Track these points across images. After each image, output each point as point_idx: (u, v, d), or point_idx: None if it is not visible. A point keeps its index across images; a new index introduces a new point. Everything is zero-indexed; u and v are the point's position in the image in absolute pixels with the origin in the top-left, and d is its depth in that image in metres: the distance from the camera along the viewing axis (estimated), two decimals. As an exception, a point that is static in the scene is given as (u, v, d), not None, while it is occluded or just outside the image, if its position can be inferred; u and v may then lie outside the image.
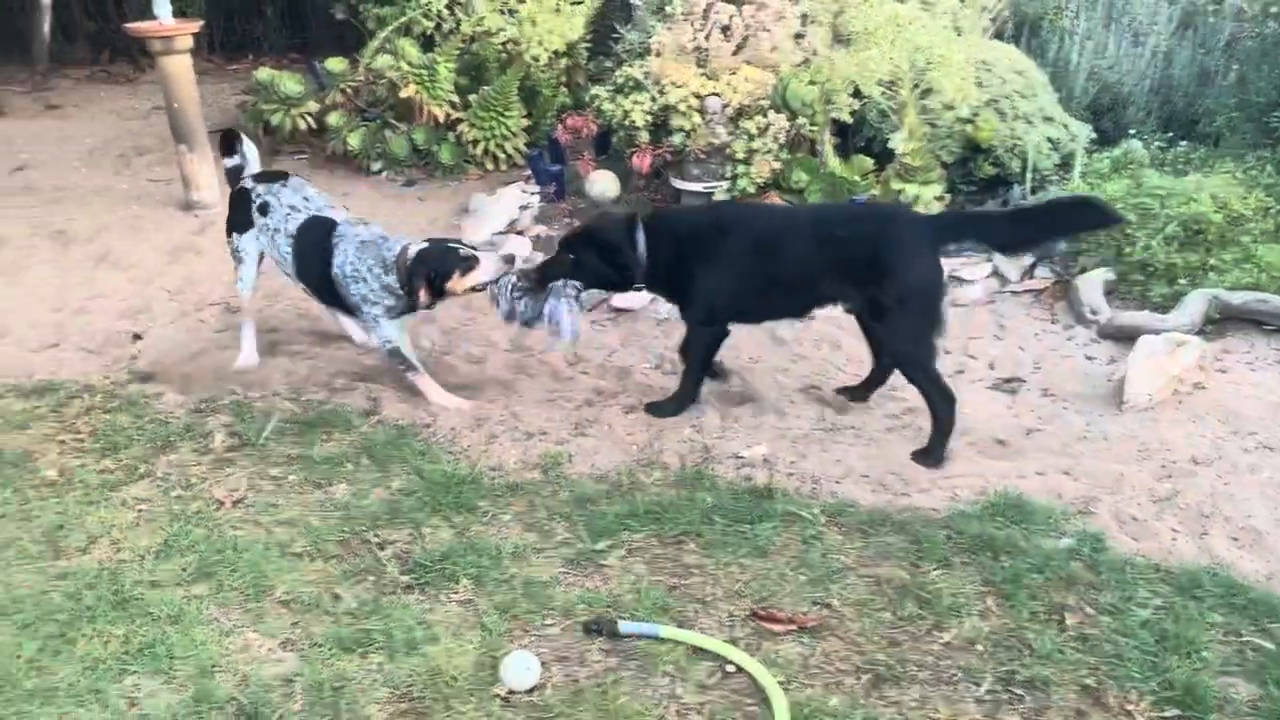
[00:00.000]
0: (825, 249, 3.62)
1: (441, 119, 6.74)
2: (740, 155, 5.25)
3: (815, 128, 5.22)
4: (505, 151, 6.81)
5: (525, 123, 6.86)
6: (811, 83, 5.20)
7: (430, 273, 3.83)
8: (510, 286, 3.91)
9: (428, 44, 7.17)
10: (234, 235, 4.29)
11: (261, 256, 4.29)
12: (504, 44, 6.82)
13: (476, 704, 2.56)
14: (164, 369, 4.31)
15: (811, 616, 2.82)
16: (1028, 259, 4.92)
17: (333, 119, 6.89)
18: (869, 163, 5.34)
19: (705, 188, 5.44)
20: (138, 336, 4.64)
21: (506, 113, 6.70)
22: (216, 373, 4.27)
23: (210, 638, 2.80)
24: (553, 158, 6.27)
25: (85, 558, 3.14)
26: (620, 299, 4.77)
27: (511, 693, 2.59)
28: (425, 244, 3.91)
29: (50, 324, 4.76)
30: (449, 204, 6.33)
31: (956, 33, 5.14)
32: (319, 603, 2.94)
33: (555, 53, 6.75)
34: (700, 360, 3.94)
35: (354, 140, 6.79)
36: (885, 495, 3.40)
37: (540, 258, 4.59)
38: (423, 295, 3.86)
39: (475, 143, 6.76)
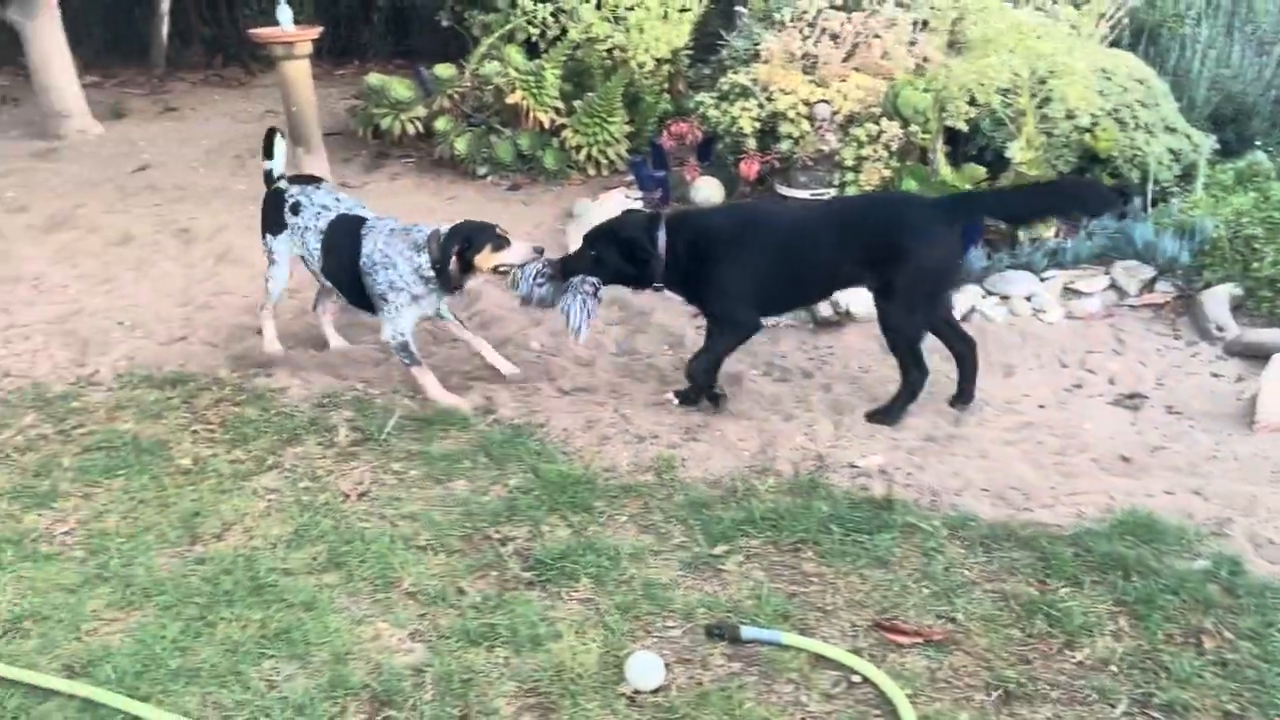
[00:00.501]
0: (846, 237, 3.78)
1: (546, 124, 6.84)
2: (849, 162, 5.22)
3: (927, 135, 5.16)
4: (607, 157, 6.88)
5: (628, 129, 6.92)
6: (925, 90, 5.14)
7: (464, 243, 3.94)
8: (535, 273, 4.02)
9: (531, 50, 7.29)
10: (268, 237, 4.42)
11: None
12: (609, 51, 6.89)
13: (602, 701, 2.59)
14: (286, 363, 4.44)
15: (937, 630, 2.79)
16: (1147, 272, 4.80)
17: (440, 124, 7.04)
18: (981, 171, 5.25)
19: (812, 194, 5.42)
20: (259, 332, 4.78)
21: (610, 119, 6.76)
22: (334, 368, 4.39)
23: (342, 626, 2.88)
24: (656, 164, 6.30)
25: (220, 544, 3.25)
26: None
27: (637, 692, 2.61)
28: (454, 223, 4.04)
29: (178, 318, 4.95)
30: (552, 208, 6.41)
31: (1076, 40, 5.03)
32: (445, 596, 3.00)
33: (659, 59, 6.79)
34: (719, 355, 3.97)
35: (461, 145, 6.92)
36: (1006, 509, 3.34)
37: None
38: (454, 265, 3.94)
39: (578, 148, 6.84)
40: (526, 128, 6.89)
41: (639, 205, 6.02)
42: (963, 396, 4.00)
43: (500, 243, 3.98)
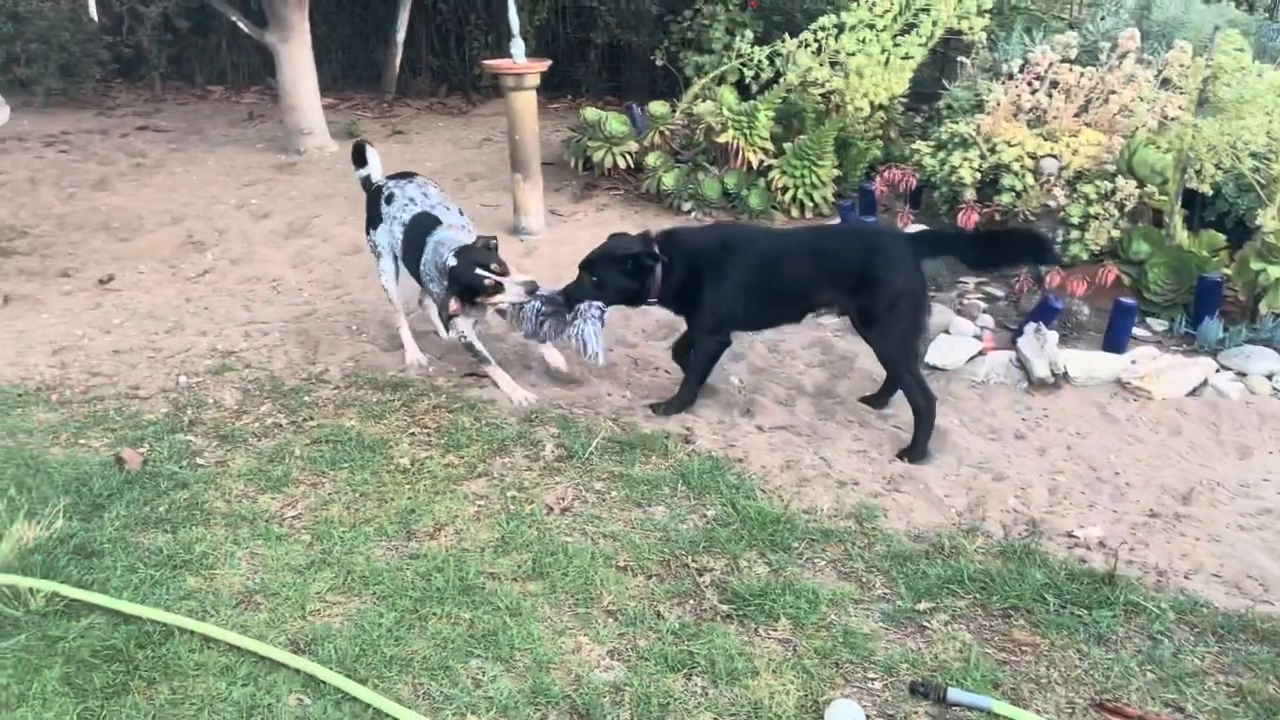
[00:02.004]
0: (822, 263, 4.06)
1: (755, 164, 6.89)
2: (1075, 220, 5.01)
3: (1164, 197, 4.90)
4: (813, 200, 6.85)
5: (835, 172, 6.89)
6: (1165, 149, 4.89)
7: (459, 290, 4.15)
8: (536, 311, 4.23)
9: (742, 91, 7.39)
10: (370, 231, 4.69)
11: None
12: (824, 95, 6.90)
13: (800, 745, 2.54)
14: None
15: (1166, 717, 2.61)
16: None
17: (650, 159, 7.20)
18: (1220, 238, 4.95)
19: (1032, 251, 5.22)
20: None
21: (820, 162, 6.75)
22: (546, 385, 4.53)
23: (545, 635, 2.94)
24: (864, 209, 6.25)
25: (433, 542, 3.39)
26: (936, 356, 4.65)
27: (837, 740, 2.55)
28: (454, 260, 4.17)
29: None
30: (755, 247, 6.43)
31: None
32: (644, 618, 3.03)
33: (875, 105, 6.74)
34: (704, 369, 4.27)
35: (669, 180, 7.05)
36: (1242, 599, 3.10)
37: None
38: (453, 306, 4.16)
39: (784, 189, 6.85)
40: (734, 167, 6.96)
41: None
42: (876, 402, 4.31)
43: (493, 290, 4.12)
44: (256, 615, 3.03)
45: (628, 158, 7.39)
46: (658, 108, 7.48)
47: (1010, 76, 5.76)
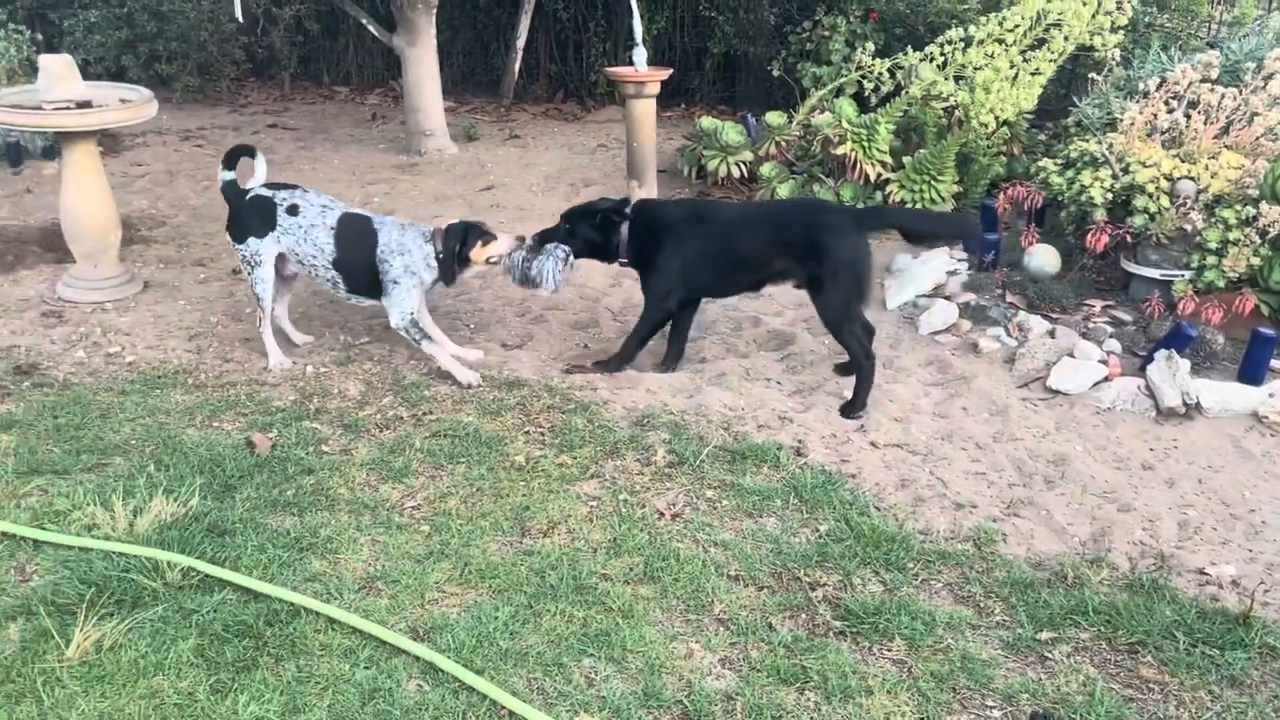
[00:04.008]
0: (775, 233, 4.50)
1: (872, 177, 6.81)
2: (1213, 245, 4.82)
3: (1311, 225, 4.67)
4: (931, 216, 6.73)
5: (956, 189, 6.76)
6: (1314, 175, 4.66)
7: (460, 239, 4.56)
8: (520, 259, 4.62)
9: (861, 104, 7.30)
10: (251, 241, 4.69)
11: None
12: (947, 109, 6.78)
13: (915, 769, 2.50)
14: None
15: (1307, 770, 2.49)
16: None
17: (765, 169, 7.17)
18: (1371, 269, 4.69)
19: (1163, 274, 5.04)
20: (585, 346, 5.07)
21: (940, 177, 6.64)
22: (656, 390, 4.55)
23: (656, 639, 2.96)
24: (985, 225, 6.11)
25: (546, 540, 3.44)
26: (1059, 380, 4.53)
27: (954, 767, 2.50)
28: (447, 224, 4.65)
29: (516, 327, 5.32)
30: (869, 261, 6.35)
31: None
32: (755, 629, 3.02)
33: (1000, 121, 6.59)
34: (646, 332, 4.69)
35: (783, 191, 7.01)
36: (1392, 652, 2.93)
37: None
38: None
39: (902, 204, 6.74)
40: (851, 179, 6.89)
41: (964, 266, 5.86)
42: (852, 406, 4.39)
43: (487, 237, 4.61)
44: (378, 601, 3.11)
45: (742, 167, 7.37)
46: (775, 118, 7.46)
47: (1145, 95, 5.57)
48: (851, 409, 4.36)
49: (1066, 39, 6.33)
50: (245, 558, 3.28)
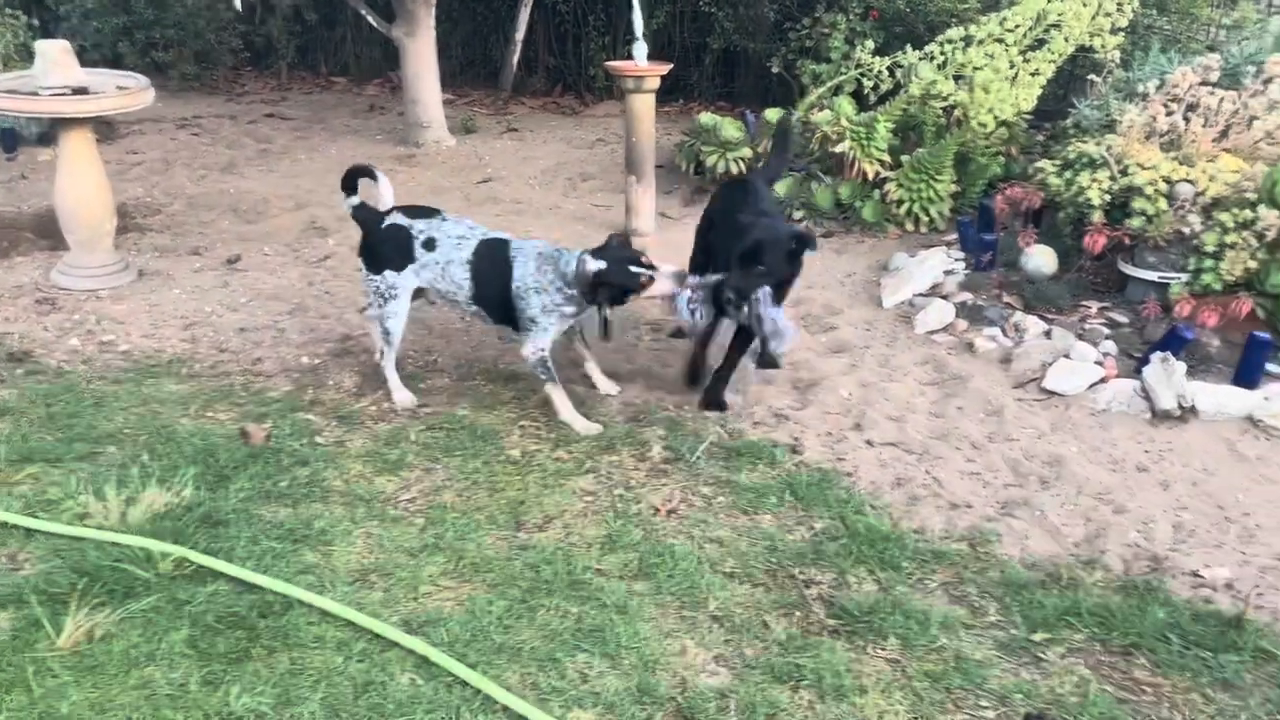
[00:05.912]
0: None
1: (870, 176, 6.80)
2: (1210, 248, 4.81)
3: (1308, 229, 4.67)
4: (928, 214, 6.73)
5: (954, 188, 6.76)
6: (1312, 179, 4.66)
7: (612, 292, 4.01)
8: (687, 301, 4.02)
9: (859, 102, 7.29)
10: (387, 273, 4.23)
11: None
12: (946, 108, 6.77)
13: (908, 768, 2.50)
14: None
15: (1299, 774, 2.49)
16: None
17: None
18: (1367, 275, 4.69)
19: (1160, 277, 5.04)
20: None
21: (938, 176, 6.63)
22: (653, 386, 4.54)
23: (651, 635, 2.96)
24: (983, 226, 6.11)
25: (542, 535, 3.44)
26: (1055, 381, 4.53)
27: (947, 767, 2.50)
28: (601, 263, 3.98)
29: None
30: (865, 260, 6.35)
31: None
32: (749, 626, 3.02)
33: (1000, 121, 6.59)
34: None
35: (781, 188, 7.00)
36: (1384, 656, 2.94)
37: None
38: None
39: (899, 203, 6.74)
40: (849, 178, 6.88)
41: (961, 266, 5.86)
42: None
43: (646, 284, 4.00)
44: (371, 593, 3.10)
45: (741, 164, 7.36)
46: (774, 115, 7.43)
47: (1144, 97, 5.56)
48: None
49: (1066, 40, 6.32)
50: (239, 549, 3.27)
